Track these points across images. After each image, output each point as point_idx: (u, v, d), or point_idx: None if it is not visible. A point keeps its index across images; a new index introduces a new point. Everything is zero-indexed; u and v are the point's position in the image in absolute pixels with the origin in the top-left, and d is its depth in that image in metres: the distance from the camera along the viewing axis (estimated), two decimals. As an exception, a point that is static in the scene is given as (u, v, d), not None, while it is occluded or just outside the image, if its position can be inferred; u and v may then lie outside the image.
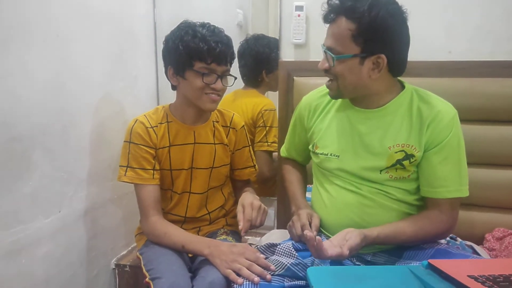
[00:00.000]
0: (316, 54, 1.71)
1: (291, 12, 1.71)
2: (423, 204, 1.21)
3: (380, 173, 1.18)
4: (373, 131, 1.19)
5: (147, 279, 1.20)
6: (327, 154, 1.25)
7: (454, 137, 1.15)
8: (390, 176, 1.17)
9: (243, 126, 1.49)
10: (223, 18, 2.01)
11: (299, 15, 1.69)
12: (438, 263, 0.89)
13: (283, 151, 1.49)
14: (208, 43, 1.24)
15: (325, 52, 1.15)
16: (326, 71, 1.17)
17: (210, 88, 1.29)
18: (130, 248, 1.75)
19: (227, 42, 1.30)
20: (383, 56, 1.10)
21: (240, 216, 1.26)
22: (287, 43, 1.75)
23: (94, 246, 1.54)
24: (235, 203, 1.59)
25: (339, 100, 1.27)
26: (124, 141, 1.34)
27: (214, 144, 1.42)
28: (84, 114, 1.44)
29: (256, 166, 1.54)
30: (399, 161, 1.16)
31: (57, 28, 1.29)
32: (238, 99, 1.95)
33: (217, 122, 1.44)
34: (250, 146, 1.51)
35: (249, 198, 1.32)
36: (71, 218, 1.41)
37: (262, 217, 1.30)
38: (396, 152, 1.16)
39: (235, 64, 1.41)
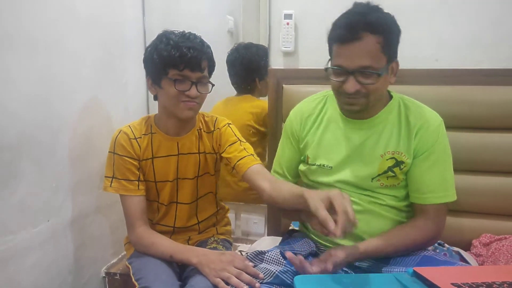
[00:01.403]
0: (305, 62, 1.73)
1: (280, 20, 1.72)
2: (412, 209, 1.23)
3: (372, 181, 1.20)
4: (366, 140, 1.21)
5: (136, 289, 1.20)
6: (319, 165, 1.26)
7: (441, 144, 1.18)
8: (381, 184, 1.20)
9: (227, 124, 1.43)
10: (213, 25, 2.02)
11: (288, 23, 1.71)
12: (423, 271, 0.91)
13: (278, 174, 1.40)
14: (180, 49, 1.23)
15: (353, 74, 1.10)
16: (356, 92, 1.12)
17: (185, 96, 1.26)
18: (120, 256, 1.75)
19: (201, 48, 1.26)
20: (397, 60, 1.16)
21: (328, 221, 0.91)
22: (276, 51, 1.77)
23: (83, 255, 1.54)
24: (226, 212, 1.59)
25: (330, 111, 1.29)
26: (109, 152, 1.33)
27: (199, 153, 1.40)
28: (72, 122, 1.44)
29: (255, 155, 1.37)
30: (390, 168, 1.18)
31: (44, 35, 1.29)
32: (233, 105, 1.96)
33: (202, 130, 1.42)
34: (244, 143, 1.40)
35: (333, 190, 0.99)
36: (59, 227, 1.40)
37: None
38: (387, 160, 1.19)
39: (222, 71, 1.39)
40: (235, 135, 1.42)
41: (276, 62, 1.78)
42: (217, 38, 1.36)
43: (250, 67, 1.91)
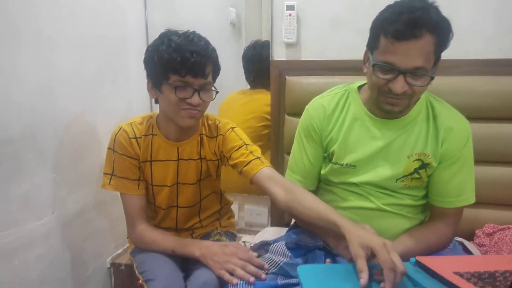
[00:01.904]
0: (307, 53, 1.72)
1: (282, 11, 1.71)
2: (428, 207, 1.23)
3: (396, 182, 1.18)
4: (393, 140, 1.17)
5: (140, 281, 1.21)
6: (342, 164, 1.21)
7: (468, 150, 1.17)
8: (405, 185, 1.18)
9: (231, 128, 1.34)
10: (215, 17, 2.02)
11: (290, 15, 1.70)
12: (426, 260, 0.91)
13: (295, 180, 1.31)
14: (182, 53, 1.13)
15: (405, 74, 1.03)
16: (403, 93, 1.05)
17: (186, 103, 1.18)
18: (125, 247, 1.76)
19: (206, 52, 1.17)
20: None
21: (363, 274, 0.88)
22: (279, 42, 1.76)
23: (87, 247, 1.55)
24: (230, 205, 1.59)
25: (353, 108, 1.22)
26: (108, 148, 1.29)
27: (200, 159, 1.34)
28: (76, 116, 1.44)
29: (262, 157, 1.30)
30: (416, 170, 1.16)
31: (47, 31, 1.29)
32: (247, 97, 1.96)
33: (205, 134, 1.34)
34: (250, 146, 1.32)
35: (375, 239, 0.95)
36: (64, 219, 1.41)
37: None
38: (414, 161, 1.16)
39: (229, 66, 1.33)
40: (240, 139, 1.33)
41: (279, 53, 1.77)
42: (219, 30, 1.32)
43: (265, 63, 1.91)
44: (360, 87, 1.25)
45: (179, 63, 1.13)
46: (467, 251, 1.35)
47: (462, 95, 1.49)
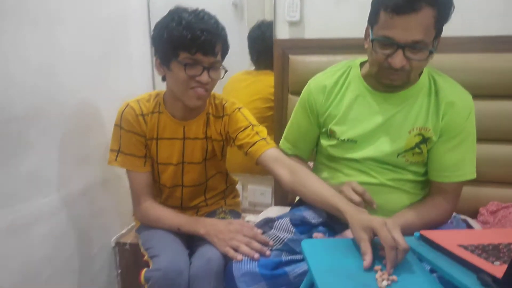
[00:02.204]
0: (311, 32, 1.71)
1: (285, -11, 1.69)
2: (427, 184, 1.23)
3: (397, 157, 1.18)
4: (395, 115, 1.17)
5: (145, 258, 1.22)
6: (343, 139, 1.22)
7: (469, 125, 1.16)
8: (406, 161, 1.18)
9: (238, 108, 1.34)
10: (218, -4, 2.00)
11: (293, -8, 1.68)
12: (430, 234, 0.91)
13: (287, 147, 1.38)
14: (193, 31, 1.13)
15: (403, 48, 1.03)
16: (401, 68, 1.06)
17: (195, 81, 1.18)
18: (129, 227, 1.77)
19: (216, 30, 1.17)
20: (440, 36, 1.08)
21: (367, 256, 0.88)
22: (282, 21, 1.74)
23: (93, 225, 1.56)
24: (235, 184, 1.59)
25: (354, 84, 1.23)
26: (115, 125, 1.30)
27: (206, 139, 1.35)
28: (79, 94, 1.44)
29: (268, 138, 1.31)
30: (417, 145, 1.16)
31: (49, 10, 1.28)
32: (252, 78, 1.96)
33: (211, 114, 1.34)
34: (256, 127, 1.33)
35: (376, 219, 0.94)
36: (69, 197, 1.42)
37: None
38: (415, 136, 1.16)
39: (232, 47, 1.33)
40: (246, 119, 1.33)
41: (282, 32, 1.76)
42: (221, 10, 1.30)
43: (271, 45, 1.90)
44: (362, 64, 1.26)
45: (189, 40, 1.13)
46: (471, 229, 1.36)
47: (464, 72, 1.48)
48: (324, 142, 1.28)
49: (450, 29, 1.56)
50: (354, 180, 1.20)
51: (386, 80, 1.12)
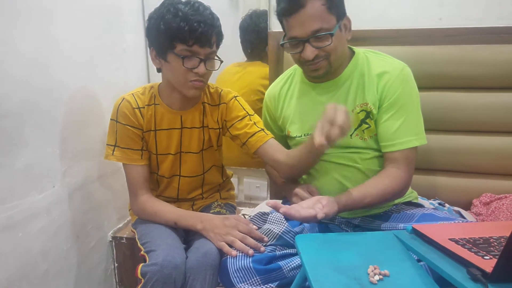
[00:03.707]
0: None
1: (280, -19, 1.67)
2: None
3: (351, 137, 1.22)
4: (337, 99, 1.23)
5: (142, 252, 1.22)
6: (301, 136, 1.28)
7: (405, 91, 1.19)
8: (361, 138, 1.22)
9: (234, 97, 1.37)
10: (212, -12, 1.98)
11: (288, -16, 1.66)
12: (422, 227, 0.92)
13: None
14: (190, 23, 1.14)
15: (308, 41, 1.12)
16: (315, 57, 1.15)
17: (193, 73, 1.20)
18: (126, 221, 1.78)
19: (212, 21, 1.19)
20: (347, 16, 1.18)
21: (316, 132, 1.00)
22: (277, 13, 1.73)
23: (89, 220, 1.57)
24: (230, 177, 1.60)
25: (299, 84, 1.31)
26: (111, 119, 1.30)
27: (203, 128, 1.37)
28: (74, 88, 1.43)
29: (265, 129, 1.34)
30: (363, 121, 1.21)
31: (43, 2, 1.27)
32: (244, 69, 1.95)
33: (207, 103, 1.37)
34: (252, 116, 1.36)
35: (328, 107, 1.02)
36: (65, 192, 1.42)
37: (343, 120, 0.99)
38: (358, 113, 1.21)
39: (226, 39, 1.35)
40: (243, 109, 1.36)
41: (277, 24, 1.73)
42: (216, 1, 1.30)
43: (262, 34, 1.89)
44: None
45: (186, 32, 1.15)
46: (464, 219, 1.37)
47: (461, 64, 1.48)
48: (289, 143, 1.36)
49: (448, 20, 1.57)
50: (326, 171, 1.26)
51: (311, 73, 1.21)
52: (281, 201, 1.32)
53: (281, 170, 1.31)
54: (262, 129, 1.33)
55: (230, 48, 2.01)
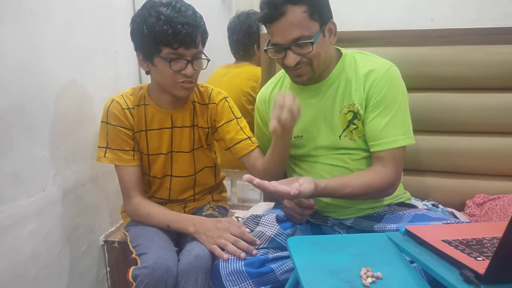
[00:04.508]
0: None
1: (272, -17, 1.67)
2: None
3: (340, 139, 1.22)
4: (325, 101, 1.24)
5: (133, 255, 1.21)
6: (291, 138, 1.27)
7: (391, 89, 1.18)
8: (350, 139, 1.22)
9: (225, 98, 1.39)
10: (205, -10, 1.97)
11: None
12: (414, 229, 0.91)
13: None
14: (173, 26, 1.14)
15: (290, 48, 1.13)
16: (298, 63, 1.15)
17: (181, 75, 1.21)
18: (118, 225, 1.76)
19: (195, 22, 1.18)
20: (332, 21, 1.17)
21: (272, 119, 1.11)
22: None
23: (80, 223, 1.55)
24: (222, 179, 1.60)
25: (289, 87, 1.31)
26: (101, 121, 1.31)
27: (193, 126, 1.38)
28: (63, 91, 1.41)
29: (253, 138, 1.39)
30: (350, 122, 1.21)
31: (31, 4, 1.26)
32: (231, 71, 1.95)
33: (197, 102, 1.38)
34: (240, 119, 1.39)
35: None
36: (55, 196, 1.41)
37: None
38: (346, 114, 1.21)
39: (218, 40, 1.35)
40: (232, 112, 1.38)
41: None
42: (209, 4, 1.30)
43: (249, 34, 1.88)
44: None
45: (170, 36, 1.15)
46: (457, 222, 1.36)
47: (454, 65, 1.49)
48: None
49: (441, 21, 1.58)
50: (316, 173, 1.26)
51: (295, 79, 1.22)
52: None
53: (257, 176, 1.29)
54: (249, 137, 1.37)
55: (223, 50, 2.01)
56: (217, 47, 1.32)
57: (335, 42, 1.21)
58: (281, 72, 1.38)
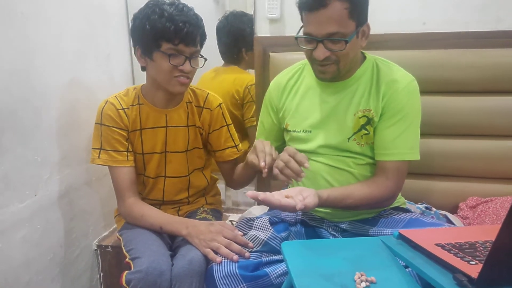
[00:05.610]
0: (292, 29, 1.69)
1: (265, -14, 1.68)
2: None
3: (349, 141, 1.22)
4: (340, 101, 1.23)
5: (127, 259, 1.20)
6: (299, 131, 1.27)
7: (410, 103, 1.19)
8: (358, 144, 1.22)
9: (220, 105, 1.42)
10: (199, -8, 1.97)
11: (273, -11, 1.67)
12: (408, 233, 0.92)
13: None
14: (175, 23, 1.19)
15: (322, 41, 1.11)
16: (326, 59, 1.14)
17: (178, 71, 1.24)
18: (111, 229, 1.75)
19: (196, 22, 1.23)
20: (368, 23, 1.16)
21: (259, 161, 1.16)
22: (262, 18, 1.73)
23: (73, 228, 1.54)
24: (215, 182, 1.60)
25: (307, 79, 1.30)
26: (95, 123, 1.31)
27: (188, 126, 1.39)
28: (56, 95, 1.41)
29: (240, 146, 1.46)
30: (363, 126, 1.21)
31: (23, 7, 1.25)
32: (219, 76, 1.94)
33: (191, 103, 1.39)
34: (230, 126, 1.44)
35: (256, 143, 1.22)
36: (47, 201, 1.40)
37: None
38: (360, 118, 1.21)
39: (211, 42, 1.37)
40: (224, 119, 1.43)
41: (262, 29, 1.75)
42: (201, 6, 1.31)
43: (237, 36, 1.87)
44: None
45: (172, 32, 1.19)
46: (451, 224, 1.37)
47: (446, 68, 1.49)
48: (285, 137, 1.35)
49: (433, 25, 1.58)
50: (319, 173, 1.25)
51: (319, 75, 1.20)
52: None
53: (227, 182, 1.49)
54: (236, 146, 1.44)
55: (215, 54, 2.00)
56: (208, 48, 1.33)
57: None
58: (300, 63, 1.36)
